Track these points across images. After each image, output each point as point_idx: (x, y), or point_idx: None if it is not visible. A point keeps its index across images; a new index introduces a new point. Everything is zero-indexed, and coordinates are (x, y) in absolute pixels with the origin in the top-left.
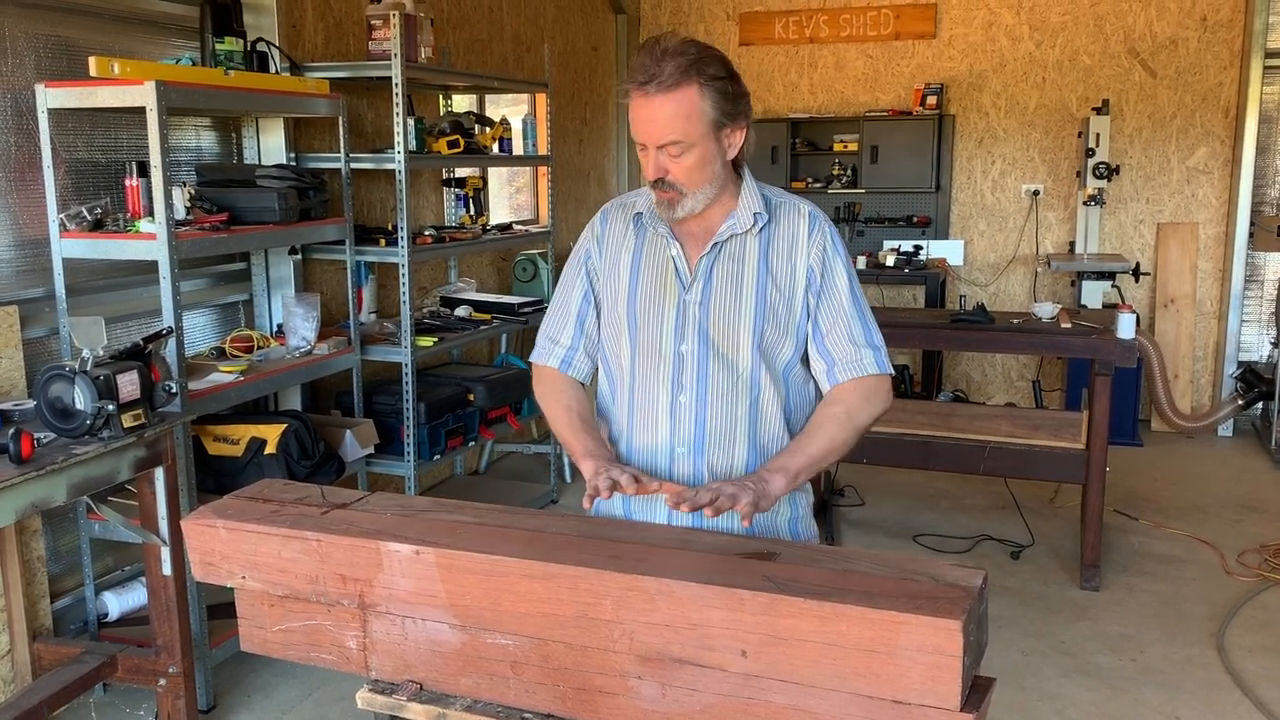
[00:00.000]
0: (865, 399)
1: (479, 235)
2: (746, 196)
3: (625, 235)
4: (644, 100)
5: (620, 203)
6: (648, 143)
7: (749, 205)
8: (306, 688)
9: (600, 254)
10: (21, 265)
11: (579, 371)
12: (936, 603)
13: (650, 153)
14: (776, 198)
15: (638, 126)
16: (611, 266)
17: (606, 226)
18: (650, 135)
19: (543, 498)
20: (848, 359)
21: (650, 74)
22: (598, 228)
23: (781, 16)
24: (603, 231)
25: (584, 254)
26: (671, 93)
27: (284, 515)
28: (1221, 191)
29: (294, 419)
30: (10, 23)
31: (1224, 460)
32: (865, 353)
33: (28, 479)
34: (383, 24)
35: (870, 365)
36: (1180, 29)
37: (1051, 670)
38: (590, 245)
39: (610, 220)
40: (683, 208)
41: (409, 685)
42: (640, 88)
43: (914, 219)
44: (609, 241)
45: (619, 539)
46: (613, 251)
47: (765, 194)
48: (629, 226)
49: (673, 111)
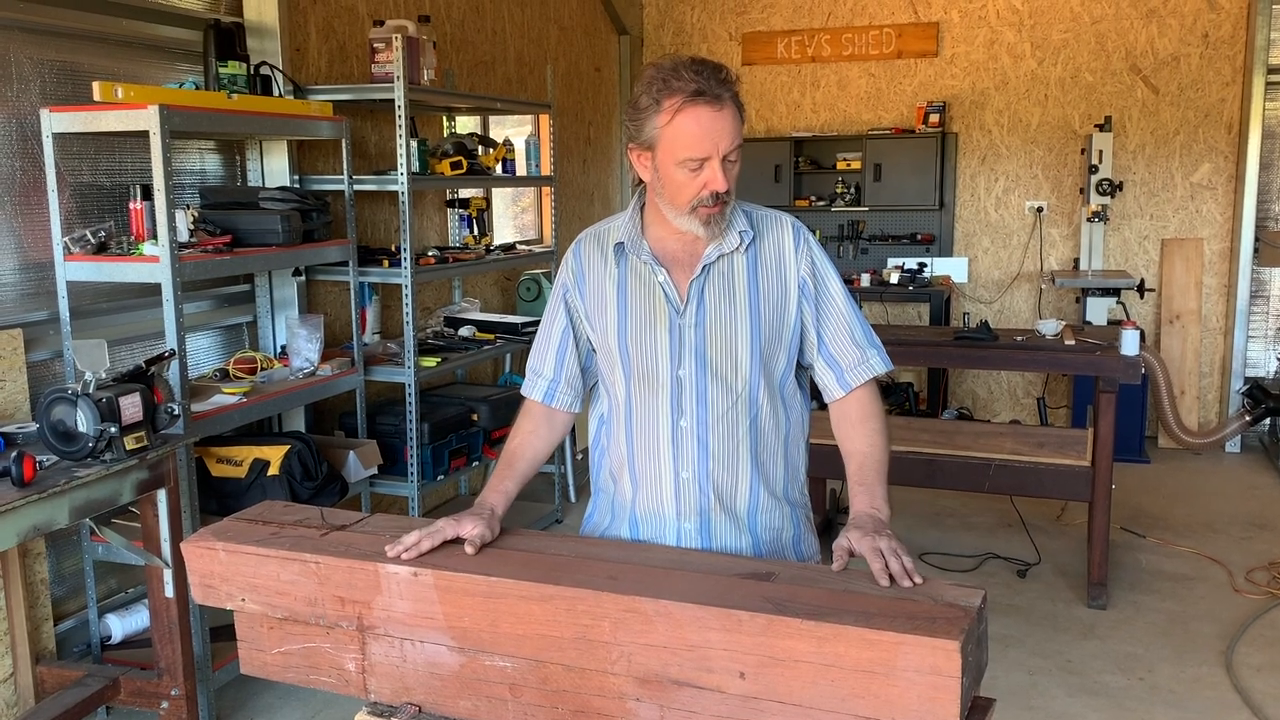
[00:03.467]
0: (874, 397)
1: (482, 256)
2: (730, 216)
3: (605, 266)
4: (712, 111)
5: (594, 233)
6: (715, 153)
7: (734, 224)
8: (309, 710)
9: (579, 288)
10: (26, 289)
11: (563, 402)
12: (935, 623)
13: (713, 164)
14: (756, 212)
15: (702, 138)
16: (596, 299)
17: (582, 260)
18: (721, 144)
19: (547, 518)
20: (855, 362)
21: (702, 86)
22: (572, 262)
23: (784, 36)
24: (578, 266)
25: (561, 288)
26: (730, 101)
27: (283, 537)
28: (1226, 207)
29: (297, 440)
30: (16, 48)
31: (1232, 477)
32: (870, 353)
33: (30, 502)
34: (385, 47)
35: (877, 365)
36: (1182, 45)
37: (1058, 689)
38: (567, 279)
39: (586, 253)
40: (725, 218)
41: (408, 708)
42: (711, 99)
43: (918, 236)
44: (589, 274)
45: (617, 560)
46: (595, 284)
47: (745, 210)
48: (608, 257)
49: (734, 117)
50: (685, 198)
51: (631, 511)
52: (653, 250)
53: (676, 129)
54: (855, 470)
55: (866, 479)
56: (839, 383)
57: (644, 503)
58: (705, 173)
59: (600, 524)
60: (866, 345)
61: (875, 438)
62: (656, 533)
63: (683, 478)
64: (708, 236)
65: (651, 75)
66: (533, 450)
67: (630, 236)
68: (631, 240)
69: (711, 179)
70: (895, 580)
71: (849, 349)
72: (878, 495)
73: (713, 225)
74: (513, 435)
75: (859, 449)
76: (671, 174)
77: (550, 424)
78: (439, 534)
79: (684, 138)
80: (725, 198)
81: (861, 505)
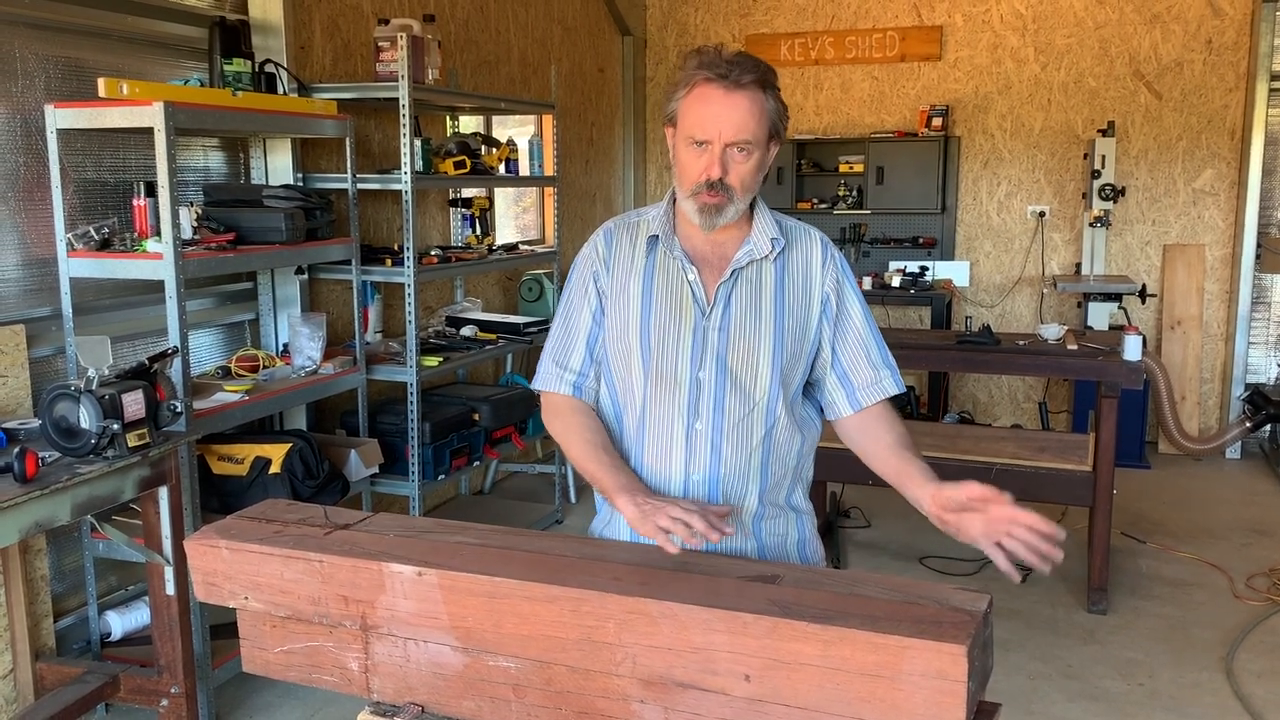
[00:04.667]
0: (895, 414)
1: (485, 255)
2: (762, 221)
3: (634, 258)
4: (721, 93)
5: (625, 223)
6: (715, 138)
7: (765, 230)
8: (309, 709)
9: (609, 276)
10: (29, 284)
11: (590, 397)
12: (941, 627)
13: (713, 149)
14: (787, 223)
15: (706, 119)
16: (620, 291)
17: (613, 248)
18: (722, 130)
19: (548, 518)
20: (868, 382)
21: (728, 68)
22: (601, 248)
23: (787, 39)
24: (609, 253)
25: (591, 275)
26: (748, 90)
27: (287, 536)
28: (1228, 213)
29: (299, 438)
30: (20, 44)
31: (1232, 483)
32: (884, 374)
33: (31, 498)
34: (390, 45)
35: (890, 387)
36: (1185, 51)
37: (1058, 695)
38: (598, 267)
39: (616, 242)
40: (725, 215)
41: (411, 708)
42: (719, 80)
43: (920, 240)
44: (617, 264)
45: (622, 561)
46: (621, 275)
47: (777, 218)
48: (637, 249)
49: (748, 109)
50: (688, 179)
51: None
52: (683, 247)
53: (689, 105)
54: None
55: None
56: (849, 400)
57: None
58: (706, 156)
59: (603, 520)
60: (882, 366)
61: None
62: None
63: (693, 480)
64: (703, 226)
65: (691, 55)
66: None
67: (664, 230)
68: (665, 234)
69: (710, 163)
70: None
71: (864, 369)
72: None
73: (707, 214)
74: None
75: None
76: (681, 151)
77: (589, 414)
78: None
79: (692, 114)
80: (723, 189)
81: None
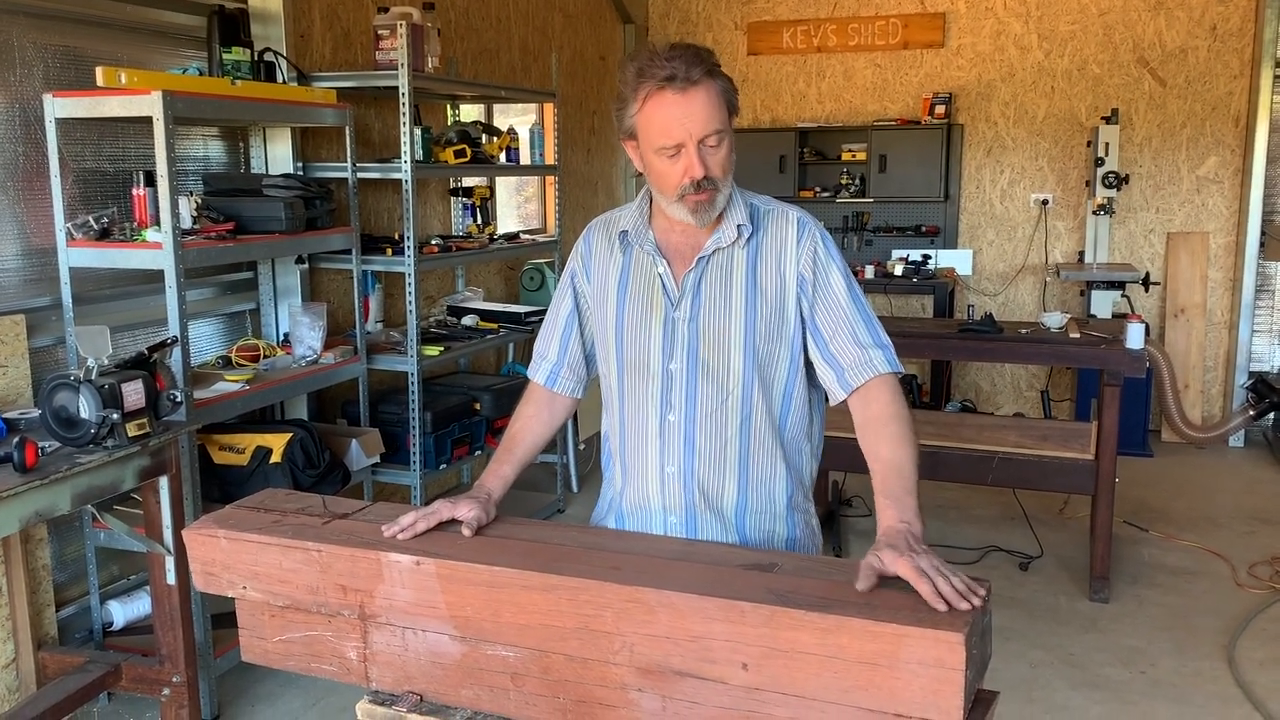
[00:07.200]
0: (895, 398)
1: (486, 245)
2: (730, 209)
3: (610, 255)
4: (677, 97)
5: (604, 221)
6: (688, 139)
7: (733, 218)
8: (310, 698)
9: (587, 275)
10: (28, 274)
11: (564, 387)
12: (938, 615)
13: (689, 151)
14: (764, 205)
15: (672, 125)
16: (600, 288)
17: (591, 247)
18: (693, 129)
19: (549, 507)
20: (857, 361)
21: (673, 69)
22: (581, 248)
23: (790, 26)
24: (587, 251)
25: (570, 273)
26: (701, 84)
27: (285, 525)
28: (1232, 201)
29: (299, 428)
30: (19, 33)
31: (1235, 471)
32: (874, 352)
33: (32, 487)
34: (390, 34)
35: (881, 364)
36: (1190, 38)
37: (1060, 682)
38: (576, 265)
39: (594, 240)
40: (716, 205)
41: (409, 696)
42: (669, 84)
43: (922, 228)
44: (595, 262)
45: (620, 550)
46: (600, 272)
47: (752, 203)
48: (613, 246)
49: (706, 101)
50: (670, 186)
51: (620, 502)
52: (657, 241)
53: (648, 117)
54: (880, 480)
55: (893, 490)
56: (839, 383)
57: (631, 494)
58: (683, 159)
59: (599, 512)
60: (871, 345)
61: (899, 443)
62: (642, 525)
63: (668, 472)
64: (698, 224)
65: (627, 65)
66: (533, 435)
67: (635, 226)
68: (636, 230)
69: (689, 165)
70: (951, 605)
71: (849, 348)
72: (907, 508)
73: (701, 212)
74: (514, 419)
75: (881, 455)
76: (653, 163)
77: (551, 408)
78: (434, 515)
79: (655, 125)
80: (710, 184)
81: (890, 519)
